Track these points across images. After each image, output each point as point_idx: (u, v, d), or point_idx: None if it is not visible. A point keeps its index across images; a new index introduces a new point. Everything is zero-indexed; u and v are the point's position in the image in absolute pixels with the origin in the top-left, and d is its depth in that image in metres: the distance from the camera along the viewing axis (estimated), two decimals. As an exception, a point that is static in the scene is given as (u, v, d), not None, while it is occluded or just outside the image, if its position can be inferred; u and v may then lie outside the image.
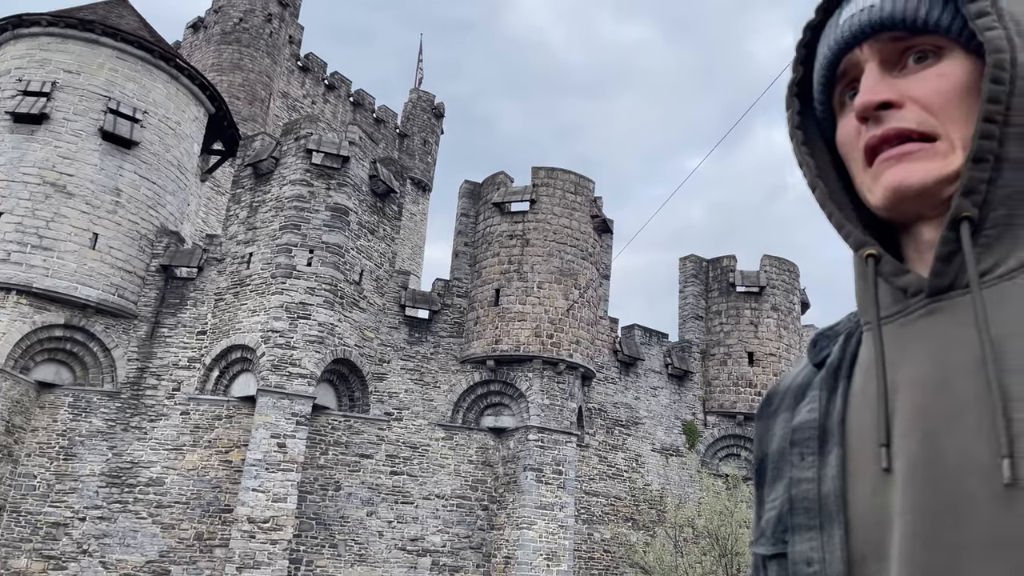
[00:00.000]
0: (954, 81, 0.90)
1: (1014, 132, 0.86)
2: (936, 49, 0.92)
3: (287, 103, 42.62)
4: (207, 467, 20.83)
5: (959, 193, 0.86)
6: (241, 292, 22.35)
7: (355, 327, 22.78)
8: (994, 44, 0.86)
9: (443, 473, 23.14)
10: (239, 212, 23.91)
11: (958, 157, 0.89)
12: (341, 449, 22.16)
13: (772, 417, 1.11)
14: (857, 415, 0.94)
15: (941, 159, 0.89)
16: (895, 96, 0.92)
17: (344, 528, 21.51)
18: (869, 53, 0.96)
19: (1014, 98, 0.85)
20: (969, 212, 0.86)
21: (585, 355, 24.58)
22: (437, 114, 52.18)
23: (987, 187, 0.86)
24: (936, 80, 0.91)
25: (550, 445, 23.12)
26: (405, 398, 23.44)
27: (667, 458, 27.22)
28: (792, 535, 0.96)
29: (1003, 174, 0.86)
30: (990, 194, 0.86)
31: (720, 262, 30.47)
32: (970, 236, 0.86)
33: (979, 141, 0.86)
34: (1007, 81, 0.85)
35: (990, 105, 0.86)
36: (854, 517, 0.89)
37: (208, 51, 40.73)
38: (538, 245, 24.54)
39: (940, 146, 0.90)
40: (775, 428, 1.09)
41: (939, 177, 0.89)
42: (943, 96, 0.90)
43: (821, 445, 0.97)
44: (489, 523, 23.00)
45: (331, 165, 23.02)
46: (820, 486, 0.94)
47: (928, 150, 0.90)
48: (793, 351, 29.72)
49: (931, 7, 0.92)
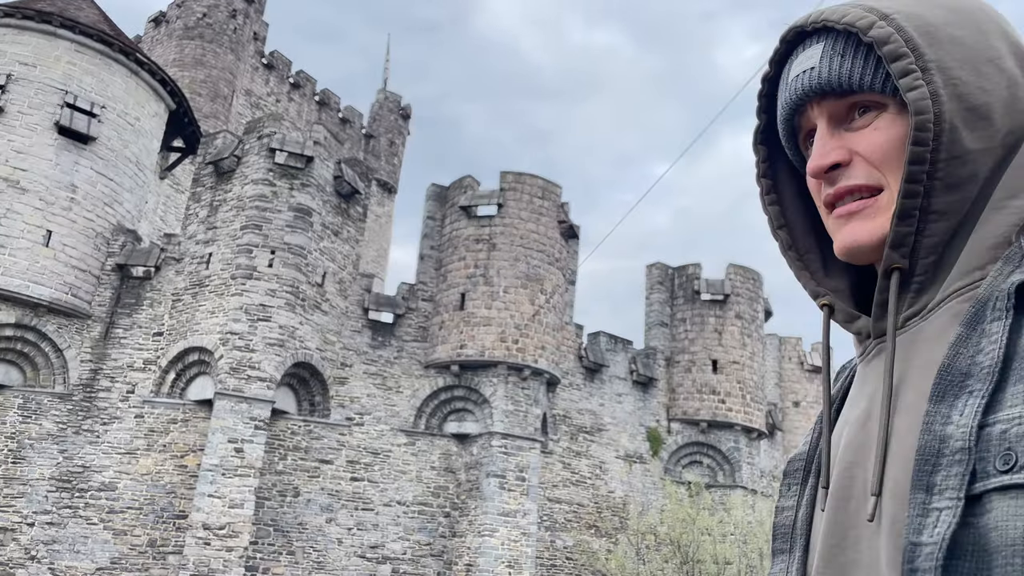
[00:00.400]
0: (890, 135, 0.94)
1: (940, 184, 0.89)
2: (877, 104, 0.95)
3: (251, 101, 41.99)
4: (161, 472, 20.32)
5: (887, 246, 0.92)
6: (200, 293, 21.87)
7: (317, 330, 22.40)
8: (916, 105, 0.89)
9: (405, 479, 22.83)
10: (199, 211, 23.42)
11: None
12: (300, 454, 21.76)
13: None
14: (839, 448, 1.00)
15: (885, 216, 0.94)
16: (843, 156, 0.96)
17: (302, 535, 21.11)
18: (818, 112, 1.00)
19: (940, 152, 0.88)
20: (899, 263, 0.92)
21: (550, 361, 24.46)
22: (404, 115, 51.83)
23: (914, 238, 0.91)
24: (874, 135, 0.95)
25: (514, 451, 22.94)
26: (367, 403, 23.11)
27: (631, 465, 27.20)
28: (772, 557, 1.08)
29: (930, 225, 0.90)
30: (918, 244, 0.91)
31: (685, 270, 30.60)
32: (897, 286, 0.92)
33: (902, 200, 0.90)
34: (929, 140, 0.88)
35: (912, 166, 0.89)
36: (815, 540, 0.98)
37: (170, 46, 39.96)
38: (505, 250, 24.38)
39: (884, 198, 0.94)
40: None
41: (883, 235, 0.93)
42: (881, 151, 0.94)
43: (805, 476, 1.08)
44: (451, 530, 22.74)
45: (295, 165, 22.65)
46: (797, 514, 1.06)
47: (873, 206, 0.95)
48: (756, 359, 29.93)
49: (864, 69, 0.95)
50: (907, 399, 0.86)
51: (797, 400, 34.33)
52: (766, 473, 30.57)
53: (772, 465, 31.54)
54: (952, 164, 0.89)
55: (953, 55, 0.90)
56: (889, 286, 0.93)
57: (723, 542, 23.09)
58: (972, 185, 0.90)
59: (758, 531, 24.01)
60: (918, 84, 0.89)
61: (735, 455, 28.30)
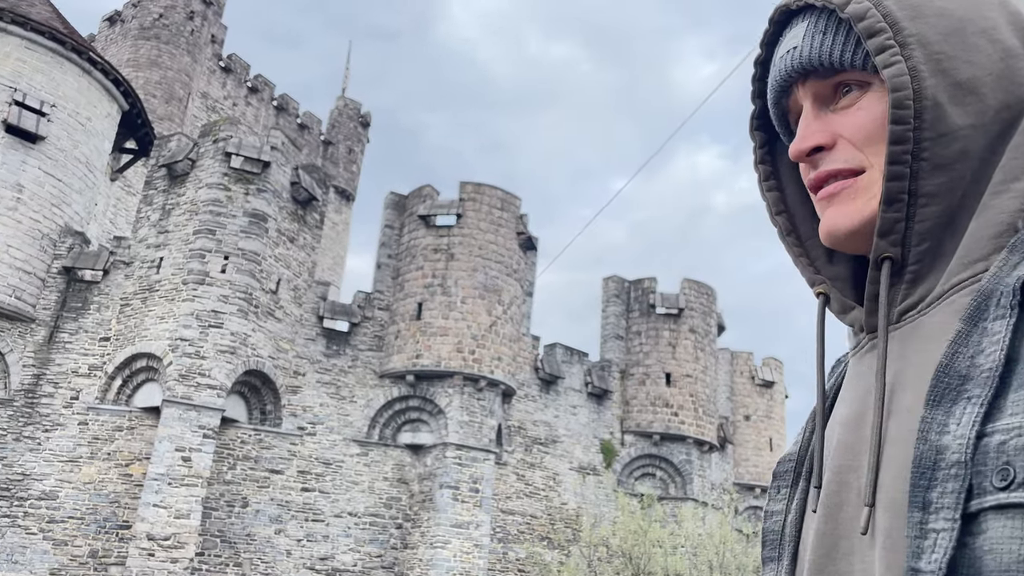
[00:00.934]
0: (873, 115, 0.89)
1: (927, 165, 0.84)
2: (861, 83, 0.91)
3: (207, 104, 41.36)
4: (105, 481, 19.79)
5: (876, 234, 0.87)
6: (149, 298, 21.42)
7: (270, 337, 22.09)
8: (893, 82, 0.85)
9: (357, 490, 22.58)
10: (150, 214, 22.97)
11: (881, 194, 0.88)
12: (250, 464, 21.39)
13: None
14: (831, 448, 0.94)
15: (864, 198, 0.89)
16: (826, 139, 0.92)
17: (250, 546, 20.72)
18: (803, 92, 0.96)
19: (924, 131, 0.84)
20: (889, 252, 0.86)
21: (507, 372, 24.46)
22: (364, 123, 51.56)
23: (904, 225, 0.85)
24: (857, 115, 0.90)
25: (468, 462, 22.85)
26: (320, 412, 22.82)
27: (584, 477, 27.28)
28: (762, 565, 1.01)
29: (920, 210, 0.85)
30: (909, 231, 0.85)
31: (641, 283, 30.89)
32: (888, 277, 0.87)
33: (887, 184, 0.85)
34: (911, 118, 0.84)
35: (893, 147, 0.85)
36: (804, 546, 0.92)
37: (124, 46, 39.21)
38: (463, 260, 24.35)
39: (863, 181, 0.89)
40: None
41: (863, 219, 0.88)
42: (864, 131, 0.89)
43: (795, 478, 1.00)
44: (403, 542, 22.54)
45: (251, 170, 22.37)
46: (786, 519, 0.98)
47: (852, 187, 0.90)
48: (709, 373, 30.30)
49: (845, 46, 0.91)
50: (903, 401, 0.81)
51: (748, 414, 34.82)
52: (716, 486, 30.91)
53: (722, 478, 31.91)
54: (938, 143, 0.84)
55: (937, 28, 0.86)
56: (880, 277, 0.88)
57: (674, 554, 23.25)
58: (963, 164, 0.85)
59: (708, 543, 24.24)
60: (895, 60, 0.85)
61: (687, 468, 28.57)
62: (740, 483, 33.00)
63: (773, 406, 35.47)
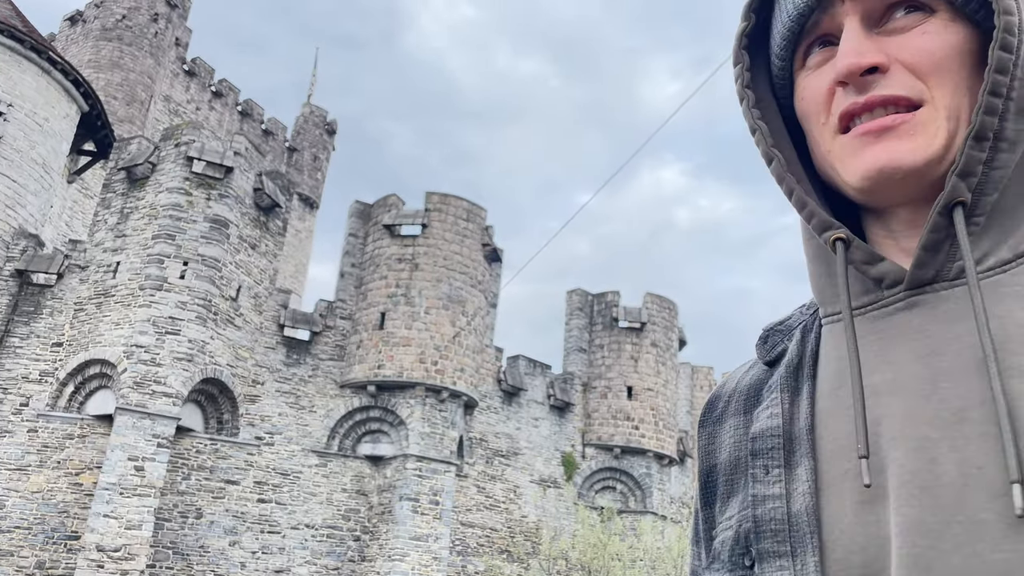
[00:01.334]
0: (944, 42, 0.80)
1: (1013, 107, 0.77)
2: (924, 5, 0.82)
3: (169, 107, 40.78)
4: (54, 490, 19.27)
5: (954, 174, 0.76)
6: (104, 303, 20.97)
7: (228, 345, 21.74)
8: (1004, 4, 0.76)
9: (315, 502, 22.26)
10: (108, 218, 22.53)
11: (943, 131, 0.79)
12: (205, 474, 20.98)
13: (718, 423, 0.99)
14: (828, 421, 0.82)
15: (926, 135, 0.79)
16: (882, 59, 0.80)
17: (203, 558, 20.30)
18: (851, 6, 0.83)
19: (1017, 68, 0.76)
20: (965, 197, 0.77)
21: (469, 383, 24.36)
22: (329, 130, 51.23)
23: (983, 168, 0.76)
24: (923, 40, 0.81)
25: (428, 474, 22.67)
26: (278, 422, 22.49)
27: (545, 489, 27.24)
28: (760, 563, 0.83)
29: (998, 154, 0.77)
30: (985, 176, 0.77)
31: (605, 297, 31.04)
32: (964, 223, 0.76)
33: (983, 116, 0.76)
34: (1015, 48, 0.76)
35: (998, 75, 0.75)
36: (830, 540, 0.77)
37: (86, 46, 38.52)
38: (427, 270, 24.25)
39: (923, 116, 0.79)
40: (723, 436, 0.97)
41: (929, 157, 0.78)
42: (932, 59, 0.80)
43: (787, 456, 0.84)
44: (360, 555, 22.25)
45: (213, 175, 22.07)
46: (789, 504, 0.81)
47: (911, 123, 0.79)
48: (670, 387, 30.50)
49: None
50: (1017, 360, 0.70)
51: (708, 428, 35.08)
52: (676, 499, 31.08)
53: (682, 491, 32.09)
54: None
55: None
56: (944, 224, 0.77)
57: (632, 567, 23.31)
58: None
59: (666, 557, 24.34)
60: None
61: (647, 481, 28.68)
62: (699, 497, 33.17)
63: (733, 421, 35.79)
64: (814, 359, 0.89)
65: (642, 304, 30.76)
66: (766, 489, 0.84)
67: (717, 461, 0.96)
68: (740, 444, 0.92)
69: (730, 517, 0.90)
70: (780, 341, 0.96)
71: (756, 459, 0.86)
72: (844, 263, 0.83)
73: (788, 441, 0.85)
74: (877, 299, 0.82)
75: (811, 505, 0.79)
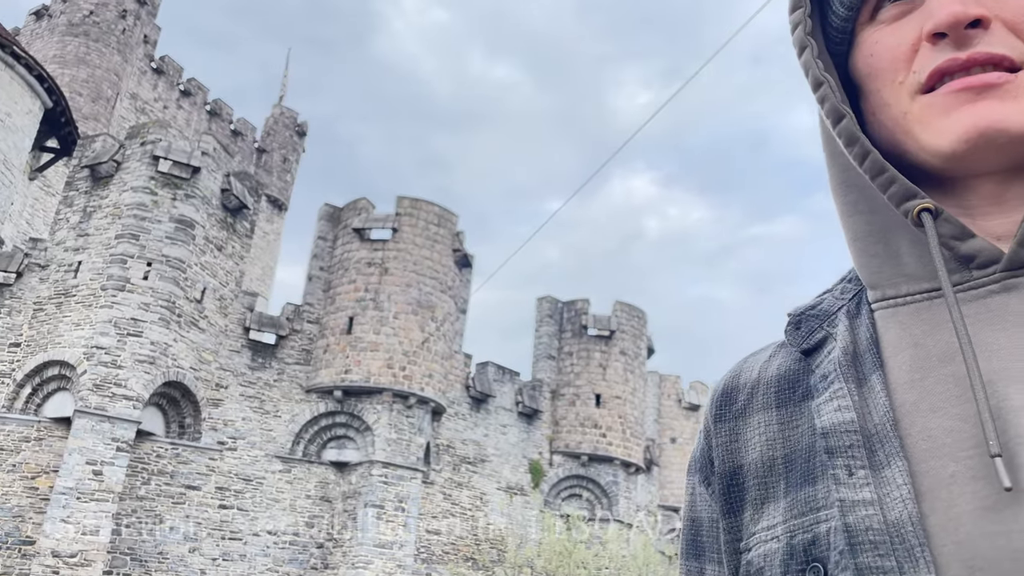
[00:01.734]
0: None
1: None
2: None
3: (136, 105, 40.15)
4: (9, 494, 18.79)
5: None
6: (65, 303, 20.53)
7: (192, 348, 21.38)
8: None
9: (277, 508, 21.95)
10: (70, 216, 22.08)
11: None
12: (166, 479, 20.59)
13: (740, 418, 0.87)
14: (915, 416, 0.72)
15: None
16: (985, 12, 0.73)
17: (162, 565, 19.91)
18: None
19: None
20: None
21: (437, 389, 24.21)
22: (300, 132, 50.82)
23: None
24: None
25: (394, 481, 22.47)
26: (242, 427, 22.15)
27: (511, 497, 27.14)
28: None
29: None
30: None
31: (574, 304, 31.09)
32: None
33: None
34: None
35: None
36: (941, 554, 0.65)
37: (51, 41, 37.82)
38: (397, 275, 24.08)
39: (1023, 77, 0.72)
40: (749, 433, 0.85)
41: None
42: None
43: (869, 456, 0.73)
44: (323, 562, 21.97)
45: (180, 175, 21.74)
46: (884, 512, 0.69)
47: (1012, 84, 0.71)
48: (638, 395, 30.60)
49: None
50: None
51: (674, 436, 35.28)
52: (642, 507, 31.16)
53: (648, 500, 32.18)
54: None
55: None
56: None
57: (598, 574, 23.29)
58: None
59: (632, 564, 24.37)
60: None
61: (613, 489, 28.71)
62: (665, 505, 33.33)
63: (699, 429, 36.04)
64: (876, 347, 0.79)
65: (611, 312, 30.86)
66: (854, 494, 0.71)
67: (744, 461, 0.85)
68: (774, 443, 0.82)
69: (771, 527, 0.78)
70: (818, 327, 0.86)
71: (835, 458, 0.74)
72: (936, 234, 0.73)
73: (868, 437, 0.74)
74: (964, 280, 0.74)
75: (915, 513, 0.67)
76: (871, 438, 0.73)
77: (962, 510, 0.66)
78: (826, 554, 0.72)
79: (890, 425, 0.72)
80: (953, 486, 0.67)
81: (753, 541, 0.81)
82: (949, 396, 0.70)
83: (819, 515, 0.74)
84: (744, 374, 0.91)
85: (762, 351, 0.92)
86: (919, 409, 0.72)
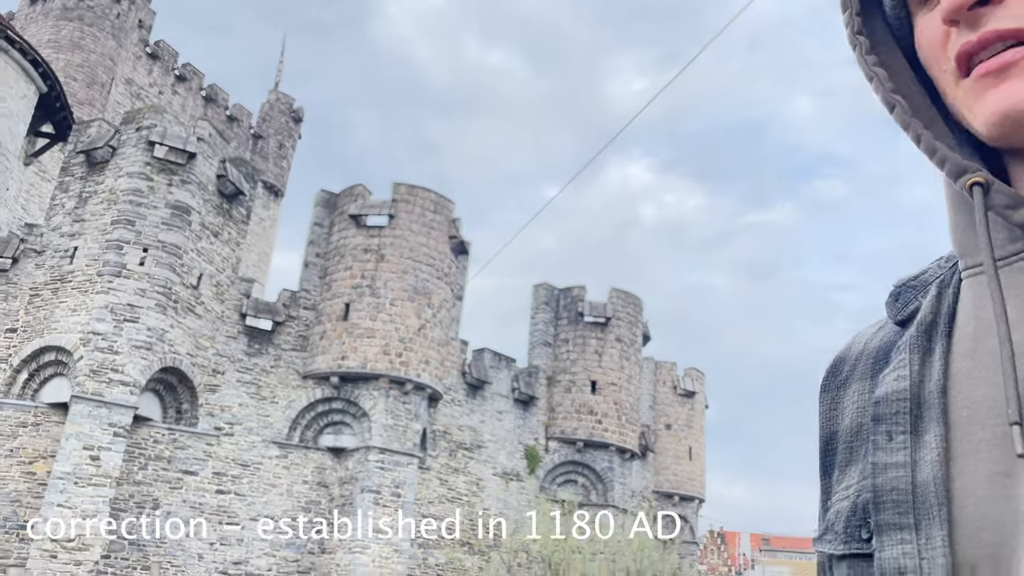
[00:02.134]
0: None
1: None
2: None
3: (131, 90, 39.95)
4: (6, 479, 18.86)
5: None
6: (61, 289, 20.52)
7: (189, 334, 21.41)
8: None
9: (275, 493, 22.05)
10: (66, 202, 22.03)
11: None
12: (163, 464, 20.67)
13: (842, 388, 0.91)
14: (964, 384, 0.75)
15: None
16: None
17: (160, 549, 20.01)
18: None
19: None
20: None
21: (434, 376, 24.28)
22: (296, 118, 50.62)
23: None
24: None
25: (391, 467, 22.57)
26: (239, 412, 22.22)
27: (507, 482, 27.28)
28: (879, 536, 0.75)
29: None
30: None
31: (571, 291, 31.13)
32: None
33: None
34: None
35: None
36: (961, 514, 0.69)
37: (46, 26, 37.57)
38: (393, 261, 24.09)
39: None
40: (846, 401, 0.89)
41: None
42: None
43: (915, 422, 0.76)
44: (320, 547, 22.10)
45: (175, 160, 21.68)
46: (915, 473, 0.73)
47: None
48: (633, 381, 30.71)
49: None
50: None
51: (669, 423, 35.41)
52: (636, 493, 31.33)
53: (643, 485, 32.37)
54: None
55: None
56: None
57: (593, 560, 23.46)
58: None
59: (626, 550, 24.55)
60: None
61: (608, 475, 28.87)
62: (659, 491, 33.52)
63: (694, 416, 36.17)
64: (950, 316, 0.81)
65: (607, 299, 30.91)
66: (888, 457, 0.76)
67: (838, 428, 0.89)
68: (864, 410, 0.85)
69: (847, 487, 0.83)
70: (913, 298, 0.88)
71: (880, 424, 0.78)
72: (983, 208, 0.73)
73: (916, 406, 0.77)
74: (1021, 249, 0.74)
75: (940, 475, 0.71)
76: (921, 405, 0.77)
77: (981, 474, 0.69)
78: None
79: (938, 392, 0.75)
80: (980, 451, 0.70)
81: (833, 500, 0.86)
82: (992, 365, 0.72)
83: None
84: (853, 347, 0.94)
85: (877, 323, 0.95)
86: (969, 377, 0.75)
